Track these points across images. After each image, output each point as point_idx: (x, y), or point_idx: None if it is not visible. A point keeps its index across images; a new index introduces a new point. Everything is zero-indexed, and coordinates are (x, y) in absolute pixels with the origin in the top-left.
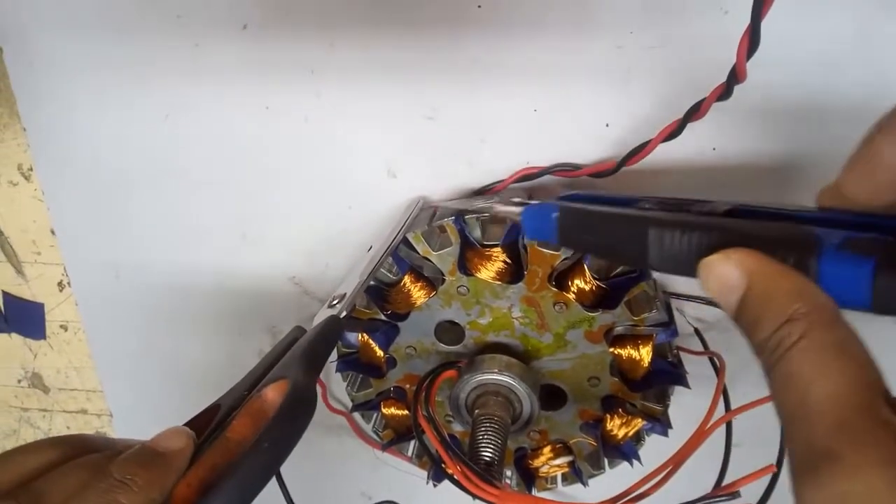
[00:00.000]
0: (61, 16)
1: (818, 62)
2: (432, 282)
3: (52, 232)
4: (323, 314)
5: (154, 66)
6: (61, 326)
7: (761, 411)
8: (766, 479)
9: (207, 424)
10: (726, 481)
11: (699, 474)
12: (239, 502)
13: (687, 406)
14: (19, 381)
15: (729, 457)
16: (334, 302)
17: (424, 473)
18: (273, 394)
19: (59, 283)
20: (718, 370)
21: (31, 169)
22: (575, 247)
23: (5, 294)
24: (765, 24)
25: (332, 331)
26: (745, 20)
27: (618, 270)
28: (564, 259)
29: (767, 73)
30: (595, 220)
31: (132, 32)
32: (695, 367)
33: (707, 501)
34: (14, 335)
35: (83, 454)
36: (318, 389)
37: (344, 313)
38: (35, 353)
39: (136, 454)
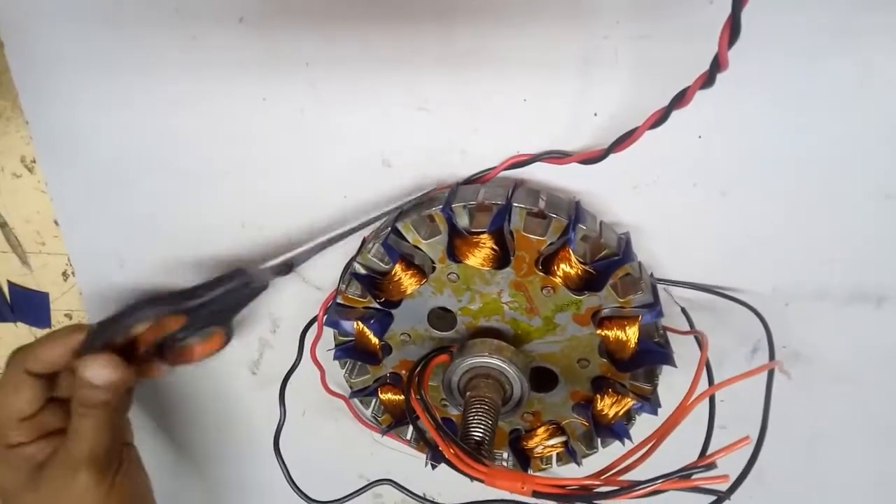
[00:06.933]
0: (60, 10)
1: (799, 51)
2: (423, 270)
3: (56, 223)
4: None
5: (152, 58)
6: (66, 315)
7: (746, 392)
8: (747, 456)
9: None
10: None
11: (684, 452)
12: None
13: (676, 386)
14: None
15: (711, 433)
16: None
17: (423, 456)
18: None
19: (64, 273)
20: (701, 346)
21: (34, 161)
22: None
23: (10, 284)
24: (745, 14)
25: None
26: (729, 10)
27: (602, 254)
28: (550, 244)
29: (749, 61)
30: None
31: (130, 25)
32: (684, 348)
33: (685, 473)
34: (20, 324)
35: None
36: (317, 373)
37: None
38: None
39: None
